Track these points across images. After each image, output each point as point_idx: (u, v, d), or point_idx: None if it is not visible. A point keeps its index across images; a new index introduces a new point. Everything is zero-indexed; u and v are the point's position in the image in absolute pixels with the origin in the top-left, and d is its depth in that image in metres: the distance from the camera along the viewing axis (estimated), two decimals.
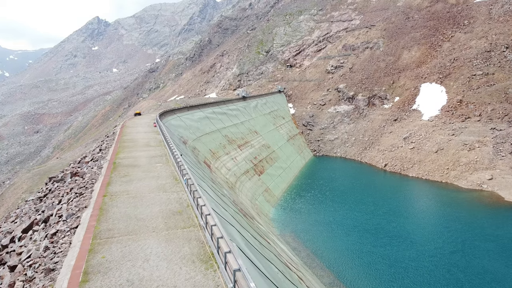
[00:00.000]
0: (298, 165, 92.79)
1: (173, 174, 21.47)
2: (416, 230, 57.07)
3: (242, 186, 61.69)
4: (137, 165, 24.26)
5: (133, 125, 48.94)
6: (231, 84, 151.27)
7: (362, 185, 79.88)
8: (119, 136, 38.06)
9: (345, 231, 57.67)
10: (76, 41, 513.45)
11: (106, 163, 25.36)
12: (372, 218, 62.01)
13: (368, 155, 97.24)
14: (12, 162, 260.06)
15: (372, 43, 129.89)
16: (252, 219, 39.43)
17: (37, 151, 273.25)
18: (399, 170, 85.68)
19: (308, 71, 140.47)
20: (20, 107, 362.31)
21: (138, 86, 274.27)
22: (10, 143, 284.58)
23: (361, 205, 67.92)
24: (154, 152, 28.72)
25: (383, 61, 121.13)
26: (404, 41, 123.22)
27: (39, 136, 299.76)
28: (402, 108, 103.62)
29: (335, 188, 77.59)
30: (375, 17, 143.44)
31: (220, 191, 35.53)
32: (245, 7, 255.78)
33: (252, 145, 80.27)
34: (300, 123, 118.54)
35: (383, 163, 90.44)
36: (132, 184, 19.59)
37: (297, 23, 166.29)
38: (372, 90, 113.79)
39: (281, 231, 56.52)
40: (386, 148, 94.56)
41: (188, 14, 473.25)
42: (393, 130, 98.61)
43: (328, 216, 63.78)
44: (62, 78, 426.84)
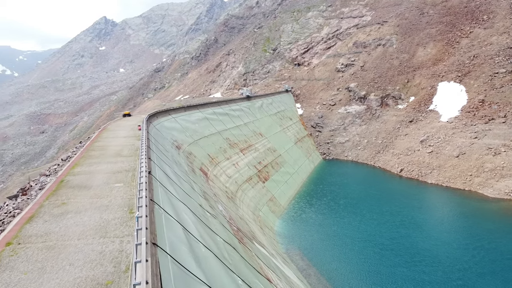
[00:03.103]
0: (306, 170, 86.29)
1: (131, 202, 15.46)
2: (438, 246, 50.45)
3: (243, 195, 55.46)
4: (88, 185, 18.21)
5: (115, 128, 43.02)
6: (237, 84, 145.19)
7: (376, 193, 73.32)
8: (91, 142, 32.19)
9: (359, 247, 51.29)
10: (83, 41, 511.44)
11: (52, 181, 19.49)
12: (389, 231, 55.56)
13: (381, 159, 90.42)
14: (17, 162, 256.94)
15: (384, 40, 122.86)
16: (252, 241, 33.17)
17: (42, 151, 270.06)
18: (416, 176, 78.84)
19: (316, 70, 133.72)
20: (27, 107, 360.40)
21: (143, 86, 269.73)
22: (16, 143, 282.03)
23: (376, 215, 61.56)
24: (122, 165, 22.68)
25: (396, 58, 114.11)
26: (419, 37, 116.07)
27: (44, 137, 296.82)
28: (418, 109, 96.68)
29: (347, 196, 71.14)
30: (388, 13, 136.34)
31: (212, 210, 29.32)
32: (252, 5, 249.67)
33: (256, 148, 73.99)
34: (308, 125, 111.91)
35: (399, 168, 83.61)
36: (62, 221, 13.58)
37: (305, 20, 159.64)
38: (385, 89, 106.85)
39: (287, 248, 50.25)
40: (401, 151, 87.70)
41: (195, 14, 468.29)
42: (409, 132, 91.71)
43: (340, 228, 57.46)
44: (69, 78, 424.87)
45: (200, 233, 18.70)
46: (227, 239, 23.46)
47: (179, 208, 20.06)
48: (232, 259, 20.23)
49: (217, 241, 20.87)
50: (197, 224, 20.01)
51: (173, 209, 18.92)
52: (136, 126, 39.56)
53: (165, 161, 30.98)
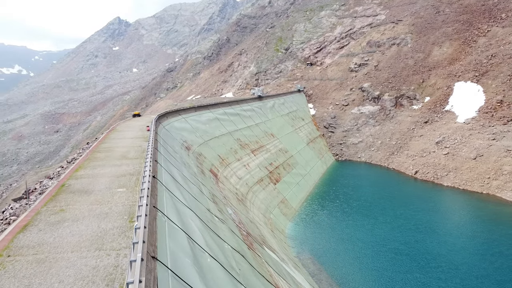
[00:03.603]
0: (318, 171, 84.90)
1: (133, 209, 14.57)
2: (455, 251, 48.74)
3: (254, 197, 54.42)
4: (89, 190, 17.38)
5: (123, 129, 42.36)
6: (248, 83, 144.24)
7: (390, 195, 71.64)
8: (98, 143, 31.50)
9: (372, 251, 49.86)
10: (97, 41, 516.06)
11: (54, 185, 18.75)
12: (403, 235, 53.99)
13: (396, 161, 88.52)
14: (32, 161, 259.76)
15: (399, 39, 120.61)
16: (262, 246, 32.14)
17: (56, 150, 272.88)
18: (432, 178, 76.85)
19: (329, 69, 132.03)
20: (41, 107, 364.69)
21: (156, 86, 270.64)
22: (31, 142, 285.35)
23: (389, 218, 60.04)
24: (126, 168, 21.83)
25: (411, 58, 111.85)
26: (435, 36, 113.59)
27: (58, 136, 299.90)
28: (433, 109, 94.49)
29: (360, 198, 69.59)
30: (402, 12, 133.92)
31: (221, 214, 28.37)
32: (264, 5, 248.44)
33: (268, 149, 72.88)
34: (321, 125, 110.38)
35: (413, 170, 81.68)
36: (58, 230, 12.72)
37: (318, 19, 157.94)
38: (400, 89, 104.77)
39: (298, 252, 49.06)
40: (416, 153, 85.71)
41: (208, 14, 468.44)
42: (424, 133, 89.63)
43: (352, 231, 56.08)
44: (83, 78, 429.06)
45: (207, 241, 17.74)
46: (235, 246, 22.48)
47: (185, 214, 19.14)
48: (241, 268, 19.25)
49: (224, 249, 19.90)
50: (204, 231, 19.06)
51: (178, 215, 18.00)
52: (145, 126, 38.87)
53: (173, 163, 30.15)
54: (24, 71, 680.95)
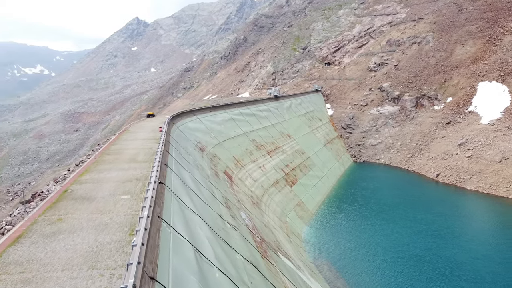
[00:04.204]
0: (336, 173, 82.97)
1: (135, 220, 13.43)
2: (479, 259, 46.47)
3: (270, 200, 53.09)
4: (92, 197, 16.36)
5: (135, 130, 41.52)
6: (265, 83, 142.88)
7: (410, 198, 69.34)
8: (108, 144, 30.68)
9: (391, 257, 47.98)
10: (116, 41, 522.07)
11: (56, 190, 17.85)
12: (424, 241, 51.91)
13: (416, 163, 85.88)
14: (52, 159, 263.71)
15: (420, 38, 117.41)
16: (277, 253, 30.80)
17: (75, 149, 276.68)
18: (454, 182, 74.11)
19: (348, 69, 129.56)
20: (62, 106, 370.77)
21: (173, 86, 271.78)
22: (51, 141, 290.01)
23: (410, 223, 58.02)
24: (134, 172, 20.79)
25: (433, 57, 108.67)
26: (457, 35, 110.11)
27: (78, 135, 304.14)
28: (456, 110, 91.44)
29: (379, 201, 67.48)
30: (423, 10, 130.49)
31: (234, 220, 27.15)
32: (281, 4, 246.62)
33: (284, 150, 71.42)
34: (338, 126, 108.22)
35: (435, 172, 78.99)
36: (52, 243, 11.66)
37: (336, 18, 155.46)
38: (421, 89, 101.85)
39: (314, 257, 47.52)
40: (437, 155, 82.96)
41: (225, 14, 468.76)
42: (446, 135, 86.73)
43: (371, 236, 54.21)
44: (102, 78, 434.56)
45: (216, 253, 16.52)
46: (248, 255, 21.21)
47: (193, 222, 17.97)
48: (252, 281, 17.98)
49: (236, 260, 18.66)
50: (214, 241, 17.85)
51: (186, 225, 16.84)
52: (158, 127, 38.02)
53: (185, 166, 29.08)
54: (46, 71, 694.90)
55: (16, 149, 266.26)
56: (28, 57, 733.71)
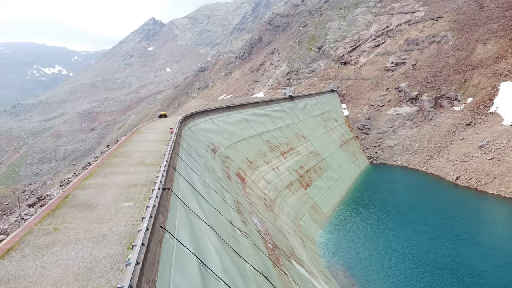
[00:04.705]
0: (351, 175, 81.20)
1: (135, 231, 12.40)
2: (502, 267, 44.45)
3: (283, 203, 51.89)
4: (93, 204, 15.44)
5: (146, 130, 40.78)
6: (280, 83, 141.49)
7: (428, 202, 67.24)
8: (117, 146, 29.91)
9: (409, 264, 46.30)
10: (132, 41, 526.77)
11: (57, 195, 17.05)
12: (443, 247, 50.01)
13: (435, 165, 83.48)
14: (69, 158, 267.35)
15: (439, 37, 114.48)
16: (289, 259, 29.62)
17: (92, 148, 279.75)
18: (475, 185, 71.61)
19: (364, 69, 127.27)
20: (79, 105, 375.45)
21: (188, 85, 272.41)
22: (68, 140, 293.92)
23: (428, 228, 56.10)
24: (140, 176, 19.86)
25: (452, 56, 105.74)
26: (478, 33, 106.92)
27: (94, 134, 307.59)
28: (476, 111, 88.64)
29: (396, 205, 65.61)
30: (443, 8, 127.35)
31: (245, 226, 26.07)
32: (297, 3, 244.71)
33: (299, 152, 70.08)
34: (354, 126, 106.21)
35: (454, 175, 76.57)
36: (43, 257, 10.71)
37: (352, 17, 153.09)
38: (440, 89, 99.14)
39: (329, 262, 46.14)
40: (457, 157, 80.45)
41: (241, 13, 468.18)
42: (466, 137, 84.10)
43: (388, 241, 52.56)
44: (118, 78, 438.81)
45: (224, 265, 15.46)
46: (258, 265, 20.09)
47: (200, 231, 16.94)
48: None
49: (245, 271, 17.56)
50: (222, 251, 16.78)
51: (192, 234, 15.81)
52: (169, 128, 37.23)
53: (195, 169, 28.13)
54: (64, 71, 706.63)
55: (34, 148, 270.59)
56: (47, 57, 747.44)
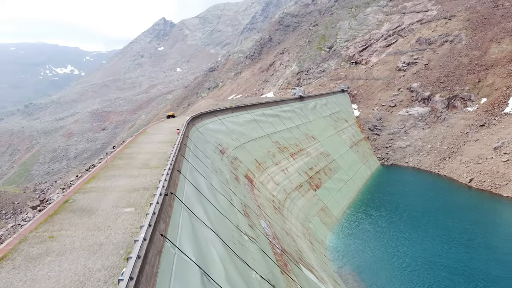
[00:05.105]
0: (362, 176, 79.98)
1: (133, 239, 11.71)
2: None
3: (292, 205, 51.03)
4: (92, 209, 14.83)
5: (153, 131, 40.20)
6: (290, 83, 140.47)
7: (441, 205, 65.86)
8: (122, 147, 29.36)
9: (421, 268, 45.12)
10: (143, 41, 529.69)
11: (58, 199, 16.47)
12: (456, 251, 48.76)
13: (447, 167, 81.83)
14: (80, 157, 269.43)
15: (452, 36, 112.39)
16: (298, 264, 28.80)
17: (102, 147, 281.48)
18: (489, 188, 69.93)
19: (375, 69, 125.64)
20: (90, 105, 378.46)
21: (198, 85, 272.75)
22: (79, 139, 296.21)
23: (441, 231, 54.93)
24: (143, 180, 19.23)
25: (466, 56, 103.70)
26: (493, 32, 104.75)
27: (105, 133, 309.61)
28: (491, 112, 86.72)
29: (408, 207, 64.27)
30: (456, 6, 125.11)
31: (252, 230, 25.33)
32: (307, 3, 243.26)
33: (308, 153, 69.11)
34: (365, 127, 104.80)
35: (468, 177, 74.90)
36: (35, 268, 10.05)
37: (363, 16, 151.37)
38: (453, 89, 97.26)
39: (338, 266, 45.18)
40: (471, 159, 78.74)
41: (251, 13, 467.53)
42: (480, 138, 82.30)
43: (399, 245, 51.39)
44: (129, 78, 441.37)
45: (228, 274, 14.73)
46: (265, 273, 19.33)
47: (204, 238, 16.23)
48: None
49: (251, 280, 16.81)
50: (227, 259, 16.05)
51: (195, 242, 15.11)
52: (176, 129, 36.62)
53: (201, 171, 27.46)
54: (76, 71, 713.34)
55: (46, 147, 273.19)
56: (60, 57, 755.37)
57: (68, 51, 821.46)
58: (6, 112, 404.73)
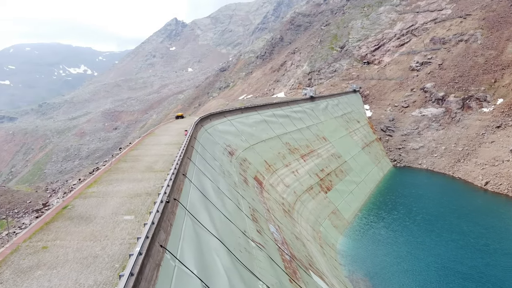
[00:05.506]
0: (374, 178, 78.54)
1: (130, 251, 10.99)
2: None
3: (303, 208, 50.07)
4: (91, 216, 14.14)
5: (160, 132, 39.61)
6: (301, 83, 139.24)
7: (456, 208, 64.15)
8: (128, 149, 28.78)
9: (435, 275, 43.80)
10: (155, 42, 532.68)
11: (57, 205, 15.87)
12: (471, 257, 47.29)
13: (462, 169, 79.94)
14: (92, 157, 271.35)
15: (467, 35, 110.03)
16: (308, 271, 27.88)
17: (114, 147, 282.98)
18: (506, 191, 68.03)
19: (388, 68, 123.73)
20: (103, 105, 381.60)
21: (209, 85, 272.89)
22: (91, 138, 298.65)
23: (455, 236, 53.44)
24: (146, 185, 18.53)
25: (481, 56, 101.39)
26: (509, 31, 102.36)
27: (117, 133, 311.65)
28: (507, 113, 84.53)
29: (421, 211, 62.78)
30: (471, 5, 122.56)
31: (260, 236, 24.49)
32: (319, 2, 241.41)
33: (319, 154, 68.00)
34: (377, 128, 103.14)
35: (483, 180, 73.01)
36: (23, 284, 9.41)
37: (376, 15, 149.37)
38: (468, 90, 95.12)
39: (349, 270, 44.08)
40: (486, 161, 76.77)
41: (262, 13, 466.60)
42: (496, 140, 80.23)
43: (412, 249, 50.08)
44: (141, 77, 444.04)
45: (232, 286, 13.90)
46: (273, 282, 18.47)
47: (208, 247, 15.45)
48: None
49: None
50: (231, 270, 15.24)
51: (198, 251, 14.33)
52: (184, 130, 35.96)
53: (208, 174, 26.73)
54: (89, 71, 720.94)
55: (59, 146, 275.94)
56: (73, 57, 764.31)
57: (81, 51, 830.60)
58: (20, 112, 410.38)
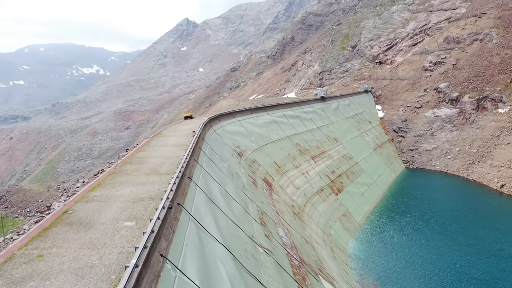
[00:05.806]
0: (386, 180, 77.22)
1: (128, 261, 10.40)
2: None
3: (313, 210, 49.22)
4: (91, 222, 13.61)
5: (168, 133, 39.08)
6: (312, 83, 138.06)
7: (470, 211, 62.68)
8: (134, 151, 28.33)
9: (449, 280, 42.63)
10: (166, 42, 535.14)
11: (57, 209, 15.42)
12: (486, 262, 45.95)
13: (477, 171, 78.18)
14: (103, 156, 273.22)
15: (482, 35, 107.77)
16: (317, 277, 27.10)
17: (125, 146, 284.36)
18: None
19: (400, 68, 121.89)
20: (114, 104, 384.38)
21: (220, 85, 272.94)
22: (103, 138, 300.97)
23: (470, 240, 52.11)
24: (150, 188, 17.98)
25: (497, 55, 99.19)
26: None
27: (128, 132, 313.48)
28: None
29: (435, 213, 61.44)
30: (486, 4, 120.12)
31: (268, 241, 23.80)
32: (331, 2, 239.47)
33: (330, 155, 67.00)
34: (390, 129, 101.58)
35: (499, 183, 71.24)
36: None
37: (388, 15, 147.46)
38: (483, 90, 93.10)
39: (360, 275, 43.12)
40: (502, 163, 74.92)
41: (273, 13, 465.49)
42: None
43: (425, 253, 48.91)
44: (152, 78, 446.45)
45: None
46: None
47: (213, 255, 14.81)
48: None
49: None
50: (237, 278, 14.60)
51: (201, 260, 13.70)
52: (192, 131, 35.41)
53: (216, 176, 26.13)
54: (102, 71, 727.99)
55: (71, 145, 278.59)
56: (86, 57, 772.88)
57: (94, 52, 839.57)
58: (34, 111, 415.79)
